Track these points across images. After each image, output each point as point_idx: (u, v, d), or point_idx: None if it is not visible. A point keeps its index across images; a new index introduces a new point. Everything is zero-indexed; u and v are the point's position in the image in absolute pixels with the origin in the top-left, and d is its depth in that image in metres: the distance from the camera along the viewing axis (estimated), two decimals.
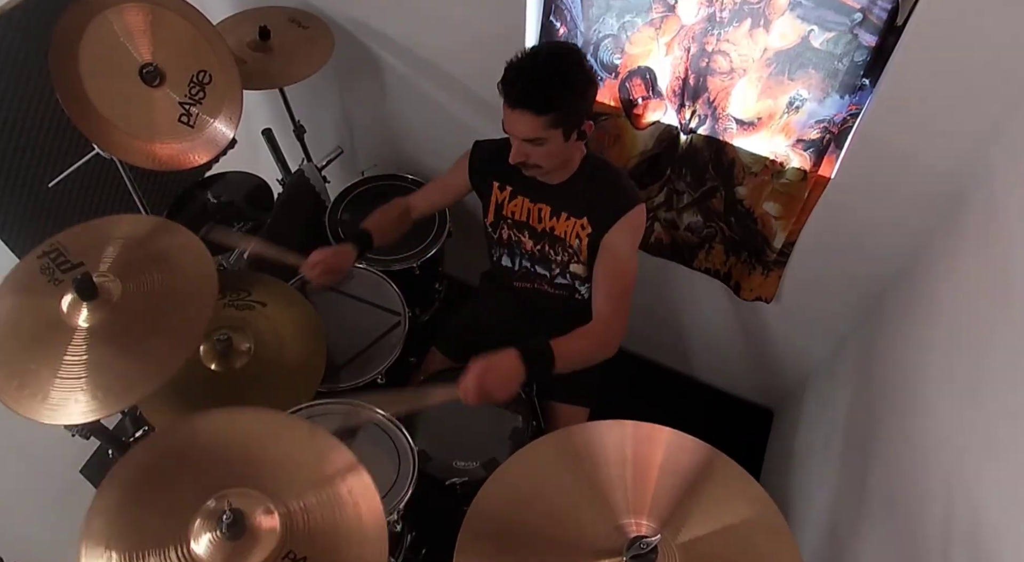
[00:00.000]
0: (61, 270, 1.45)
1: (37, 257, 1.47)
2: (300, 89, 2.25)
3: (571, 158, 1.70)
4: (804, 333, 2.34)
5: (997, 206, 1.48)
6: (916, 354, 1.67)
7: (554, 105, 1.52)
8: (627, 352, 2.88)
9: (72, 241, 1.51)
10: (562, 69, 1.53)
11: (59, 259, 1.47)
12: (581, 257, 1.79)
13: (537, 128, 1.55)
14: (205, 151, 1.77)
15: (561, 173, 1.73)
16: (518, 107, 1.53)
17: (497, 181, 1.81)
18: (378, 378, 1.95)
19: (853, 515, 1.71)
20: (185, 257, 1.52)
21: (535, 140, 1.57)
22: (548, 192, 1.76)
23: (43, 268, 1.45)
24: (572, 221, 1.75)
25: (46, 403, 1.30)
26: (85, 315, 1.38)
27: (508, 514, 1.16)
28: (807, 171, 1.85)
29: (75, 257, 1.47)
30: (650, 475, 1.18)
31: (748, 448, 2.65)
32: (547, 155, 1.62)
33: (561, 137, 1.58)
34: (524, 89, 1.52)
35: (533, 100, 1.52)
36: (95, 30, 1.61)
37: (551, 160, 1.64)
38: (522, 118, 1.54)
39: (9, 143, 1.92)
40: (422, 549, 1.92)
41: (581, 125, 1.60)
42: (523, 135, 1.57)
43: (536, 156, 1.62)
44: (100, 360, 1.35)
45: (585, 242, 1.75)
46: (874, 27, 1.55)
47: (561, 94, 1.53)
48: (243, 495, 1.14)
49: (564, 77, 1.53)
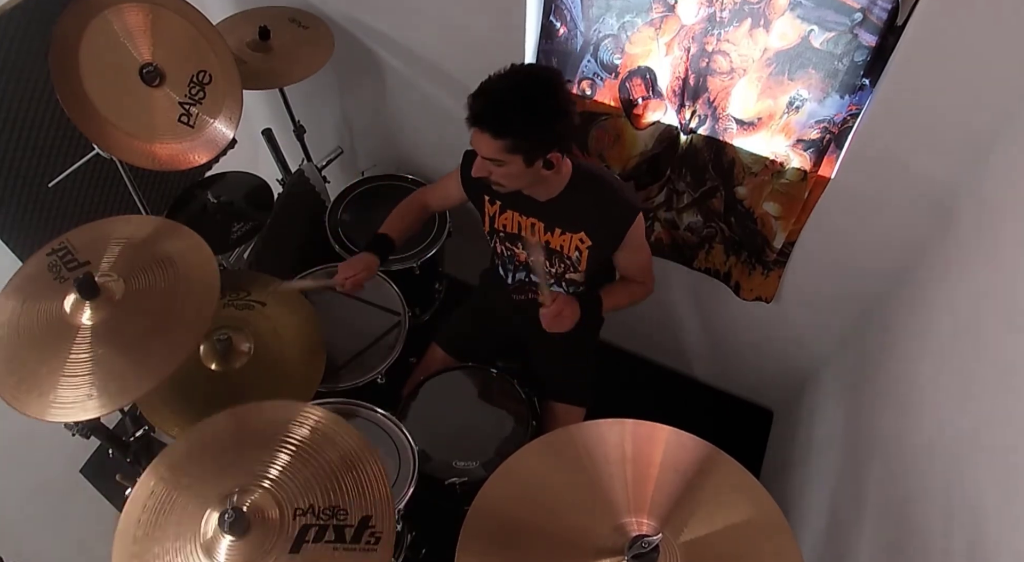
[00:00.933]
0: (68, 268, 1.45)
1: (47, 254, 1.48)
2: (300, 89, 2.25)
3: (545, 180, 1.64)
4: (804, 333, 2.34)
5: (996, 206, 1.48)
6: (916, 354, 1.67)
7: (511, 131, 1.49)
8: (627, 352, 2.88)
9: (81, 239, 1.51)
10: (530, 96, 1.48)
11: (67, 257, 1.47)
12: (580, 268, 1.78)
13: (494, 150, 1.52)
14: (205, 151, 1.77)
15: (545, 191, 1.70)
16: (475, 125, 1.51)
17: (487, 195, 1.79)
18: (378, 378, 1.95)
19: (852, 515, 1.72)
20: (190, 258, 1.51)
21: (494, 160, 1.55)
22: (538, 207, 1.74)
23: (51, 265, 1.46)
24: (568, 235, 1.74)
25: (49, 400, 1.29)
26: (89, 313, 1.38)
27: (509, 513, 1.16)
28: (807, 171, 1.85)
29: (82, 256, 1.47)
30: (650, 473, 1.18)
31: (748, 448, 2.66)
32: (508, 176, 1.59)
33: (522, 163, 1.54)
34: (483, 109, 1.49)
35: (490, 122, 1.49)
36: (95, 30, 1.61)
37: (514, 181, 1.61)
38: (479, 137, 1.52)
39: (9, 143, 1.92)
40: (422, 549, 1.92)
41: (547, 154, 1.55)
42: (482, 153, 1.56)
43: (497, 175, 1.59)
44: (104, 357, 1.34)
45: (586, 254, 1.74)
46: (874, 27, 1.55)
47: (521, 122, 1.48)
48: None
49: (529, 105, 1.48)
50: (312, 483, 1.18)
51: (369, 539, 1.12)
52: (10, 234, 2.00)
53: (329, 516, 1.13)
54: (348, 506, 1.15)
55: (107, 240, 1.51)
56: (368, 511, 1.15)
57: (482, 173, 1.61)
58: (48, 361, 1.33)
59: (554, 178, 1.65)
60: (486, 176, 1.61)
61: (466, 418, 1.92)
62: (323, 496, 1.16)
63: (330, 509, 1.14)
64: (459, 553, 1.10)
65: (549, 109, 1.50)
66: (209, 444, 1.27)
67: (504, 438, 1.86)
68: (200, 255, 1.51)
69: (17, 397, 1.30)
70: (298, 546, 1.10)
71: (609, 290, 1.86)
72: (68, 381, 1.31)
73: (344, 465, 1.20)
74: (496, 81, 1.50)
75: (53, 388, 1.30)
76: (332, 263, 2.19)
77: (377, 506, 1.16)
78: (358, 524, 1.13)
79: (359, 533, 1.12)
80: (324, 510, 1.14)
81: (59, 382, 1.31)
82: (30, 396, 1.30)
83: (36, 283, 1.44)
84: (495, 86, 1.50)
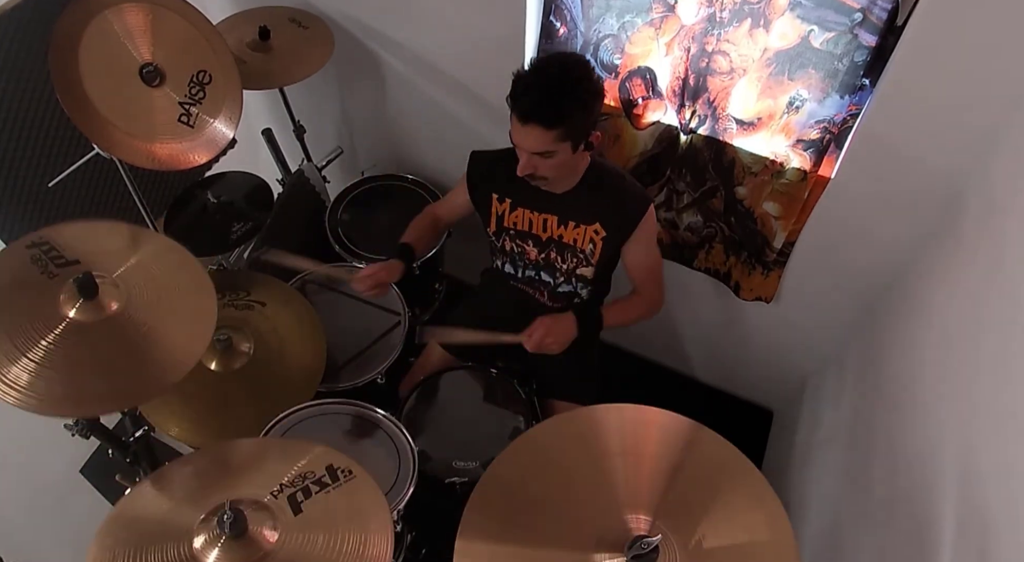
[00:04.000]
0: (55, 265, 1.41)
1: (26, 246, 1.43)
2: (300, 89, 2.25)
3: (577, 168, 1.70)
4: (804, 333, 2.34)
5: (996, 205, 1.48)
6: (916, 353, 1.67)
7: (564, 119, 1.51)
8: (627, 352, 2.88)
9: (62, 238, 1.46)
10: (571, 82, 1.52)
11: (52, 253, 1.42)
12: (593, 261, 1.79)
13: (547, 141, 1.54)
14: (205, 151, 1.77)
15: (566, 183, 1.73)
16: (528, 121, 1.52)
17: (496, 193, 1.80)
18: (378, 378, 1.95)
19: (853, 514, 1.71)
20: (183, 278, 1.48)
21: (544, 153, 1.57)
22: (553, 201, 1.76)
23: (34, 258, 1.41)
24: (583, 228, 1.76)
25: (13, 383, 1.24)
26: (75, 310, 1.34)
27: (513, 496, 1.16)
28: (807, 171, 1.85)
29: (70, 254, 1.43)
30: (652, 464, 1.18)
31: (748, 448, 2.62)
32: (555, 167, 1.61)
33: (570, 149, 1.58)
34: (534, 103, 1.51)
35: (543, 114, 1.51)
36: (95, 30, 1.61)
37: (559, 171, 1.64)
38: (532, 132, 1.53)
39: (9, 143, 1.92)
40: (422, 549, 1.92)
41: (589, 136, 1.60)
42: (532, 148, 1.57)
43: (544, 168, 1.61)
44: (74, 358, 1.30)
45: (600, 246, 1.75)
46: (874, 27, 1.55)
47: (571, 108, 1.51)
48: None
49: (573, 90, 1.51)
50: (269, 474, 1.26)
51: (345, 474, 1.25)
52: (10, 234, 2.00)
53: (302, 480, 1.24)
54: (308, 467, 1.27)
55: (98, 243, 1.47)
56: (325, 461, 1.27)
57: (528, 170, 1.62)
58: (20, 340, 1.28)
59: (580, 164, 1.70)
60: (532, 173, 1.63)
61: (466, 418, 1.92)
62: (283, 473, 1.25)
63: (298, 477, 1.24)
64: (458, 550, 1.09)
65: (591, 91, 1.55)
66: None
67: (504, 438, 1.86)
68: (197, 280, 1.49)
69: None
70: (297, 508, 1.19)
71: (613, 306, 1.87)
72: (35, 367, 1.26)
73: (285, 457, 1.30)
74: (534, 74, 1.53)
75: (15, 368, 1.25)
76: (332, 263, 2.19)
77: (325, 454, 1.28)
78: (327, 472, 1.25)
79: (333, 476, 1.25)
80: (294, 480, 1.24)
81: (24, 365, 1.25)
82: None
83: (21, 274, 1.39)
84: (536, 79, 1.52)
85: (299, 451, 1.30)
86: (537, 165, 1.60)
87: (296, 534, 1.16)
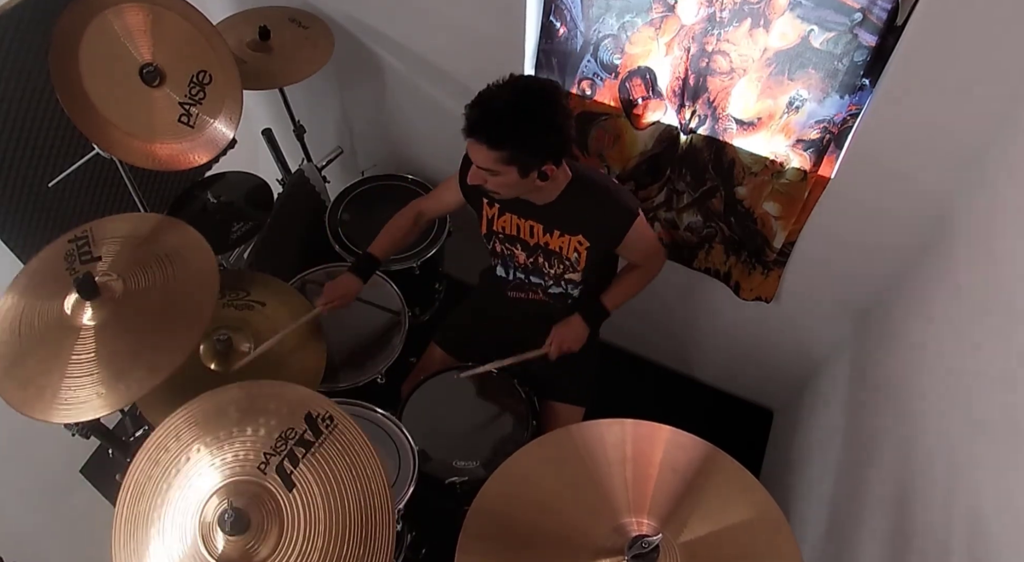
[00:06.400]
0: (81, 260, 1.47)
1: (68, 240, 1.51)
2: (300, 89, 2.25)
3: (540, 188, 1.64)
4: (804, 333, 2.34)
5: (996, 204, 1.48)
6: (916, 353, 1.67)
7: (506, 143, 1.48)
8: (627, 352, 2.88)
9: (103, 231, 1.54)
10: (526, 109, 1.47)
11: (84, 248, 1.49)
12: (579, 267, 1.79)
13: (490, 160, 1.52)
14: (205, 151, 1.77)
15: (543, 196, 1.70)
16: (471, 136, 1.50)
17: (486, 197, 1.79)
18: (378, 378, 1.95)
19: (852, 514, 1.72)
20: (187, 254, 1.52)
21: (488, 171, 1.55)
22: (536, 210, 1.74)
23: (67, 254, 1.48)
24: (567, 237, 1.74)
25: (55, 401, 1.30)
26: (90, 313, 1.39)
27: (509, 513, 1.16)
28: (807, 171, 1.85)
29: (95, 249, 1.49)
30: (650, 473, 1.18)
31: (748, 448, 2.66)
32: (503, 185, 1.59)
33: (516, 174, 1.54)
34: (479, 120, 1.48)
35: (485, 133, 1.48)
36: (95, 30, 1.61)
37: (508, 190, 1.61)
38: (475, 147, 1.52)
39: (9, 143, 1.92)
40: (422, 549, 1.92)
41: (541, 166, 1.55)
42: (478, 163, 1.56)
43: (492, 184, 1.59)
44: (106, 356, 1.35)
45: (584, 255, 1.74)
46: (874, 27, 1.55)
47: (516, 135, 1.48)
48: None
49: (525, 118, 1.47)
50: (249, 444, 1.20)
51: (326, 424, 1.18)
52: (10, 234, 2.00)
53: (284, 443, 1.17)
54: (285, 423, 1.19)
55: (117, 235, 1.53)
56: (303, 409, 1.20)
57: (477, 181, 1.61)
58: (54, 362, 1.34)
59: (550, 186, 1.65)
60: (481, 184, 1.61)
61: (466, 418, 1.92)
62: (267, 439, 1.19)
63: (280, 438, 1.17)
64: (459, 553, 1.10)
65: (545, 123, 1.49)
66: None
67: (504, 438, 1.86)
68: (199, 251, 1.52)
69: (25, 401, 1.31)
70: (289, 485, 1.14)
71: (614, 287, 1.88)
72: (76, 381, 1.32)
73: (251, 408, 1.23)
74: (494, 92, 1.49)
75: (58, 389, 1.30)
76: (332, 263, 2.19)
77: (303, 401, 1.21)
78: (307, 424, 1.18)
79: (314, 428, 1.17)
80: (277, 444, 1.17)
81: (67, 383, 1.31)
82: (35, 398, 1.31)
83: (44, 276, 1.45)
84: (492, 97, 1.49)
85: (269, 393, 1.23)
86: (486, 179, 1.58)
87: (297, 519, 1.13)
